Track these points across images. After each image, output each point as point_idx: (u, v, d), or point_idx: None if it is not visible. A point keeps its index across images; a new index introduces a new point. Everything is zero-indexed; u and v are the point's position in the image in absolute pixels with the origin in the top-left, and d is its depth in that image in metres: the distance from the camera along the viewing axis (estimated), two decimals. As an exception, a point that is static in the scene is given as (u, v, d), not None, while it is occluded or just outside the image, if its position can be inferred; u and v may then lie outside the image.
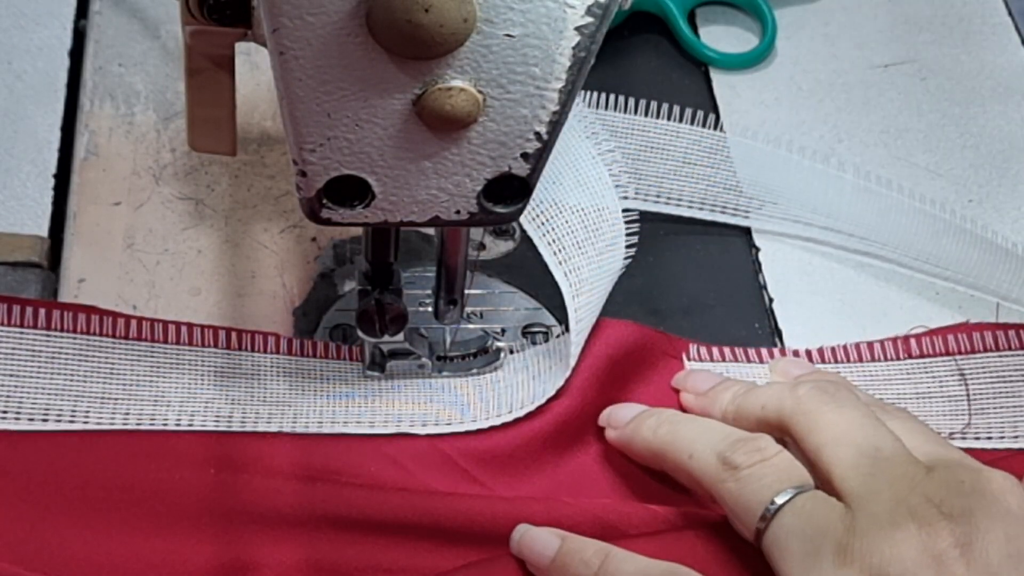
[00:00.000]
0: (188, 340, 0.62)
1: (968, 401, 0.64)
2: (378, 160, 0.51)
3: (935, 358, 0.65)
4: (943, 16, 0.84)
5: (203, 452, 0.59)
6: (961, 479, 0.52)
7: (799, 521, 0.53)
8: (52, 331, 0.61)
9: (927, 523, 0.51)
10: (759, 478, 0.55)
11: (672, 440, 0.58)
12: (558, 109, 0.50)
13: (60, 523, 0.55)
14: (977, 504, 0.51)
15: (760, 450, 0.56)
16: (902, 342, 0.66)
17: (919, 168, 0.76)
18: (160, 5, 0.78)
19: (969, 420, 0.64)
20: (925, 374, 0.65)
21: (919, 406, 0.65)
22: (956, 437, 0.63)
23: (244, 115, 0.72)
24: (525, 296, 0.68)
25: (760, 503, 0.54)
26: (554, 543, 0.55)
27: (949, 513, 0.51)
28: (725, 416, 0.60)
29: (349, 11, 0.46)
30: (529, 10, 0.47)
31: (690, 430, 0.58)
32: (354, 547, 0.57)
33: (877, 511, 0.52)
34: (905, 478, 0.53)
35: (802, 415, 0.56)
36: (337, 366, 0.63)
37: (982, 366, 0.65)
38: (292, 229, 0.69)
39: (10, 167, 0.70)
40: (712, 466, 0.56)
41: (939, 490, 0.52)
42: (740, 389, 0.61)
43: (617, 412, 0.62)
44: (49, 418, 0.59)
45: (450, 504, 0.57)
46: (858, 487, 0.53)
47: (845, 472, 0.54)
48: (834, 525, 0.52)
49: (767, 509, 0.54)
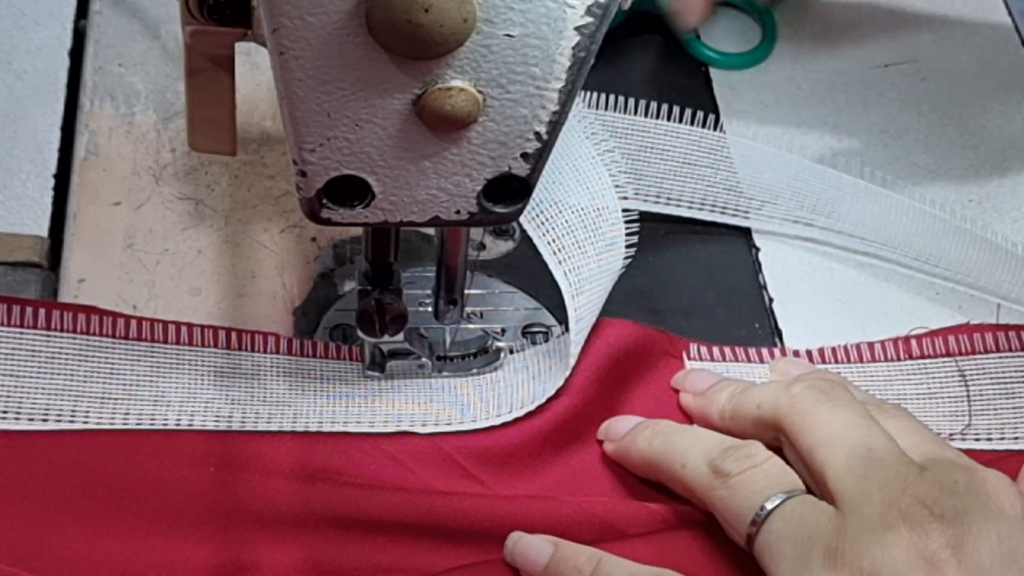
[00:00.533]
0: (188, 340, 0.62)
1: (968, 402, 0.64)
2: (378, 160, 0.51)
3: (936, 359, 0.65)
4: (943, 16, 0.84)
5: (203, 451, 0.59)
6: (955, 479, 0.52)
7: (789, 525, 0.53)
8: (52, 331, 0.61)
9: (918, 524, 0.51)
10: (749, 484, 0.55)
11: (665, 451, 0.59)
12: (558, 109, 0.50)
13: (60, 523, 0.55)
14: (970, 505, 0.51)
15: (750, 456, 0.56)
16: (903, 343, 0.66)
17: (919, 168, 0.76)
18: (160, 5, 0.78)
19: (969, 421, 0.64)
20: (925, 375, 0.65)
21: (919, 407, 0.65)
22: (956, 438, 0.63)
23: (244, 115, 0.72)
24: (525, 296, 0.68)
25: (750, 509, 0.54)
26: (547, 550, 0.55)
27: (941, 514, 0.51)
28: (722, 415, 0.61)
29: (349, 11, 0.46)
30: (529, 10, 0.47)
31: (683, 440, 0.59)
32: (354, 546, 0.57)
33: (868, 513, 0.52)
34: (898, 479, 0.53)
35: (796, 415, 0.57)
36: (337, 366, 0.63)
37: (982, 367, 0.65)
38: (292, 229, 0.69)
39: (10, 167, 0.70)
40: (703, 474, 0.56)
41: (931, 491, 0.52)
42: (737, 388, 0.61)
43: (614, 425, 0.62)
44: (49, 418, 0.59)
45: (449, 503, 0.57)
46: (850, 488, 0.53)
47: (838, 473, 0.54)
48: (824, 529, 0.52)
49: (757, 514, 0.54)
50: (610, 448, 0.61)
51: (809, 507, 0.54)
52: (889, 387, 0.65)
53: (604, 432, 0.62)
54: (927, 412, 0.64)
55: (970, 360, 0.65)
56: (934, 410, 0.64)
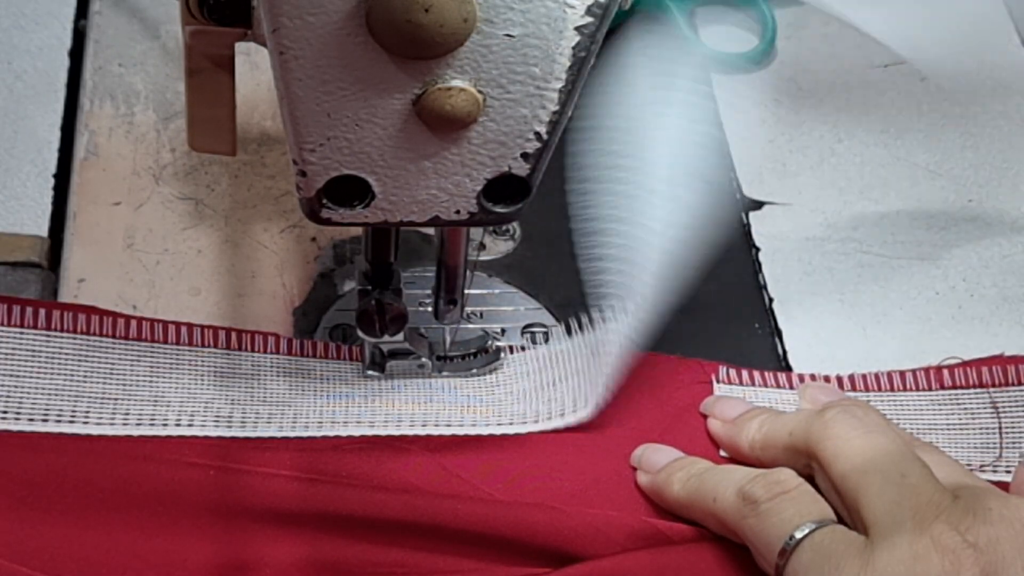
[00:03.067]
0: (188, 340, 0.62)
1: (1000, 434, 0.63)
2: (378, 160, 0.51)
3: (967, 390, 0.65)
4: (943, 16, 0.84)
5: (203, 453, 0.59)
6: (989, 507, 0.52)
7: (817, 557, 0.52)
8: (52, 331, 0.61)
9: (951, 552, 0.50)
10: (779, 512, 0.54)
11: (698, 488, 0.58)
12: (558, 109, 0.50)
13: (60, 523, 0.55)
14: (1004, 533, 0.51)
15: (780, 483, 0.55)
16: (934, 372, 0.65)
17: (919, 168, 0.76)
18: (160, 5, 0.78)
19: (1001, 453, 0.63)
20: (956, 406, 0.64)
21: (950, 437, 0.64)
22: (987, 470, 0.63)
23: (244, 115, 0.72)
24: (525, 296, 0.68)
25: (779, 538, 0.53)
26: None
27: (975, 542, 0.50)
28: (753, 445, 0.60)
29: (349, 11, 0.46)
30: (529, 10, 0.47)
31: (714, 476, 0.58)
32: (354, 547, 0.57)
33: (899, 542, 0.51)
34: (930, 505, 0.52)
35: (829, 440, 0.56)
36: (337, 366, 0.63)
37: (1016, 399, 0.64)
38: (292, 229, 0.69)
39: (10, 167, 0.70)
40: (733, 504, 0.55)
41: (964, 518, 0.51)
42: (767, 417, 0.60)
43: (650, 456, 0.61)
44: (49, 418, 0.59)
45: (451, 506, 0.57)
46: (883, 515, 0.52)
47: (870, 500, 0.53)
48: (853, 562, 0.51)
49: (787, 543, 0.53)
50: (644, 480, 0.60)
51: (839, 537, 0.53)
52: (920, 416, 0.65)
53: (637, 460, 0.61)
54: (958, 443, 0.63)
55: (1003, 392, 0.64)
56: (965, 441, 0.63)
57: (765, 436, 0.59)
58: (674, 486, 0.59)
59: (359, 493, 0.57)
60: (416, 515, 0.57)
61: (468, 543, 0.57)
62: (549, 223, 0.70)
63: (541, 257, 0.69)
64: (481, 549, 0.57)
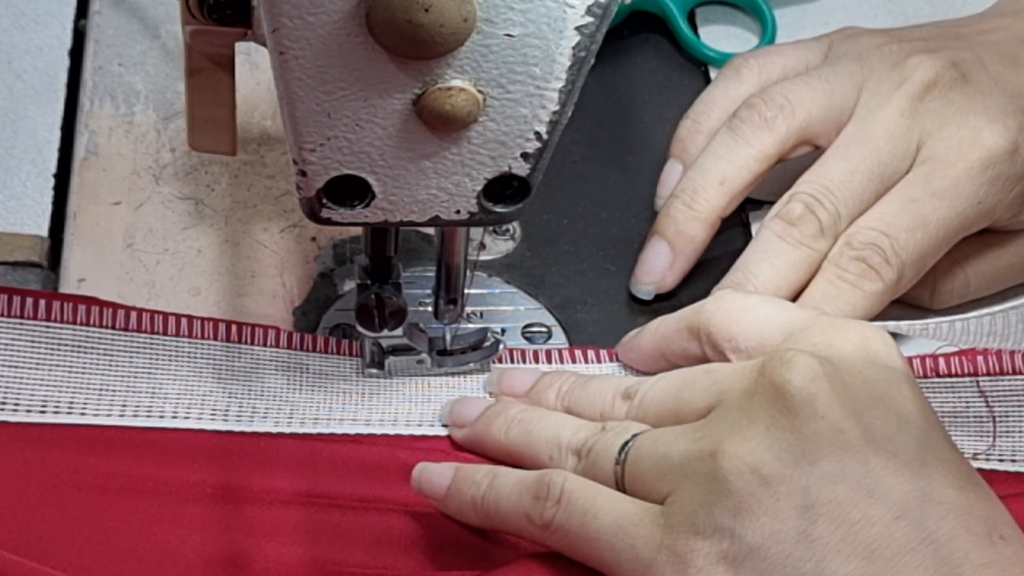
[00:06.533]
0: (188, 332, 0.62)
1: (993, 422, 0.63)
2: (378, 160, 0.51)
3: (962, 378, 0.64)
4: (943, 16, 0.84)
5: (202, 448, 0.59)
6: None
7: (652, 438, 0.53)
8: (51, 322, 0.61)
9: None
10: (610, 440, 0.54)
11: (527, 442, 0.57)
12: (558, 109, 0.50)
13: (57, 516, 0.55)
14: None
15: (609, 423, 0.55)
16: (930, 360, 0.65)
17: (919, 168, 0.76)
18: (160, 5, 0.78)
19: (993, 441, 0.63)
20: (951, 393, 0.64)
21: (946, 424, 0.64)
22: (980, 458, 0.62)
23: (244, 115, 0.72)
24: (525, 296, 0.68)
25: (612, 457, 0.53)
26: (449, 472, 0.56)
27: None
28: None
29: (349, 11, 0.46)
30: (529, 10, 0.47)
31: (543, 428, 0.57)
32: (354, 547, 0.57)
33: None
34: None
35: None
36: (336, 362, 0.63)
37: (1009, 388, 0.64)
38: (292, 229, 0.69)
39: (10, 167, 0.70)
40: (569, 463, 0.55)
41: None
42: (566, 385, 0.60)
43: (460, 410, 0.60)
44: (47, 410, 0.59)
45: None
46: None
47: None
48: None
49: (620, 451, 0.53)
50: (459, 435, 0.60)
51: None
52: None
53: (449, 417, 0.60)
54: (954, 430, 0.63)
55: (996, 381, 0.64)
56: (959, 428, 0.64)
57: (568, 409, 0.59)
58: (494, 434, 0.58)
59: (358, 492, 0.57)
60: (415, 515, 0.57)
61: (468, 541, 0.57)
62: (549, 223, 0.70)
63: (541, 257, 0.69)
64: (481, 547, 0.57)
